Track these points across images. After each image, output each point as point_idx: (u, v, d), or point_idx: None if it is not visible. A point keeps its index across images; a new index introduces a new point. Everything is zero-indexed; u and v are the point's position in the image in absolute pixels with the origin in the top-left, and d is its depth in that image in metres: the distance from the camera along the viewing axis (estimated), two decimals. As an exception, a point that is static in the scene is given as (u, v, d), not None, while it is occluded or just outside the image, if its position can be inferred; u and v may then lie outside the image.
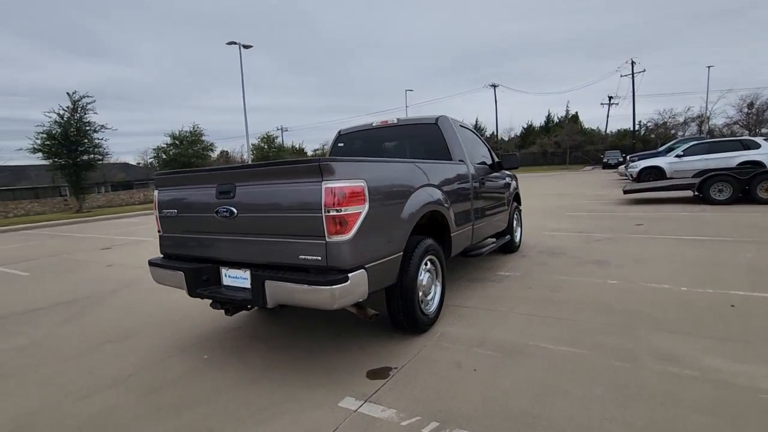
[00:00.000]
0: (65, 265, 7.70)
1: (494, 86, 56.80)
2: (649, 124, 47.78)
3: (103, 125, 22.04)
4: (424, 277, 3.36)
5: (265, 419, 2.34)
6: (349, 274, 2.47)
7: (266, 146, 38.68)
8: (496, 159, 5.36)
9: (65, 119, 20.73)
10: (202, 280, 2.98)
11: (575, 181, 22.98)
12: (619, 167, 23.02)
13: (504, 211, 5.55)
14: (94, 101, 21.39)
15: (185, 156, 26.87)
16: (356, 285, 2.52)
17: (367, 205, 2.62)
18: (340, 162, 2.55)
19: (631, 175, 15.98)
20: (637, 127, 45.79)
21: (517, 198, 6.34)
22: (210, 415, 2.42)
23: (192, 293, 3.00)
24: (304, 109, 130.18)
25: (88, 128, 21.31)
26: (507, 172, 6.10)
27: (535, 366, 2.73)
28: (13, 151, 47.27)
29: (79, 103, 21.06)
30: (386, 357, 3.00)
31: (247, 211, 2.77)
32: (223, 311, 3.11)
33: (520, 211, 6.47)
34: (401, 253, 2.99)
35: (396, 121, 4.69)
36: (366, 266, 2.61)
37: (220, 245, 2.98)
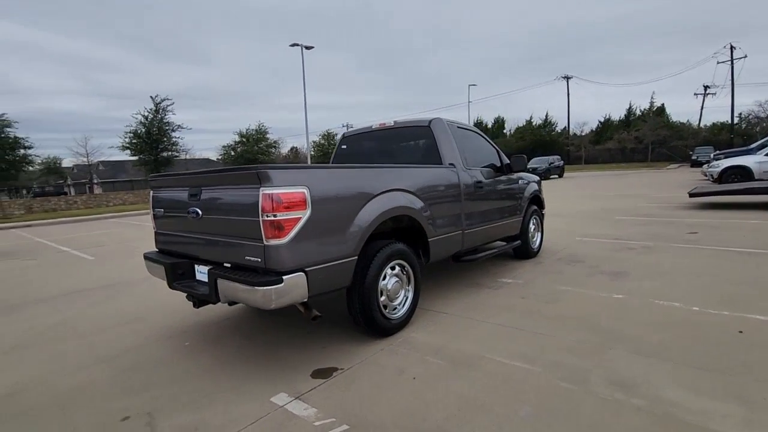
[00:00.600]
0: (125, 252, 8.70)
1: (567, 78, 53.58)
2: (750, 117, 42.05)
3: (179, 125, 24.39)
4: (389, 281, 3.39)
5: (201, 406, 2.55)
6: (284, 277, 2.59)
7: (326, 143, 40.02)
8: (506, 162, 5.17)
9: (148, 120, 23.24)
10: (178, 274, 3.28)
11: (650, 180, 21.02)
12: (703, 166, 20.50)
13: (515, 215, 5.33)
14: (173, 103, 23.82)
15: (250, 153, 28.79)
16: (292, 287, 2.63)
17: (308, 211, 2.72)
18: (279, 170, 2.67)
19: (712, 175, 14.09)
20: (736, 120, 40.59)
21: (535, 201, 6.04)
22: (160, 397, 2.68)
23: (170, 286, 3.31)
24: (373, 105, 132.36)
25: (167, 128, 23.68)
26: (526, 175, 5.83)
27: (475, 379, 2.66)
28: (108, 148, 54.17)
29: (160, 105, 23.50)
30: (339, 358, 3.09)
31: (208, 212, 3.01)
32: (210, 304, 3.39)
33: (541, 215, 6.14)
34: (355, 257, 3.04)
35: (393, 124, 4.71)
36: (306, 269, 2.71)
37: (193, 243, 3.26)
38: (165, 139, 23.73)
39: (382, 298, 3.33)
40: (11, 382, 3.01)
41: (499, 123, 66.64)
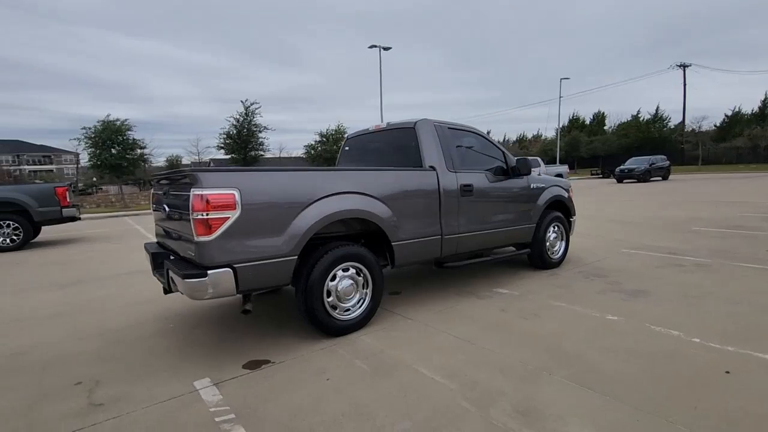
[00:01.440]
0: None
1: (684, 66, 47.26)
2: None
3: (265, 126, 26.59)
4: (341, 282, 3.44)
5: (138, 379, 2.88)
6: (210, 271, 2.81)
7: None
8: (513, 164, 4.84)
9: (240, 122, 25.74)
10: (158, 263, 3.69)
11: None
12: None
13: (524, 222, 4.97)
14: (260, 106, 26.01)
15: (329, 152, 30.25)
16: (218, 281, 2.83)
17: (238, 211, 2.89)
18: (209, 172, 2.89)
19: None
20: None
21: (558, 207, 5.54)
22: (116, 369, 3.07)
23: (153, 273, 3.74)
24: (464, 102, 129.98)
25: (255, 129, 25.98)
26: (545, 179, 5.40)
27: (383, 388, 2.61)
28: (205, 148, 60.89)
29: (249, 108, 25.86)
30: (278, 351, 3.23)
31: (170, 210, 3.35)
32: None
33: (566, 223, 5.61)
34: (294, 257, 3.15)
35: (385, 126, 4.70)
36: (234, 265, 2.90)
37: (167, 236, 3.65)
38: (253, 139, 26.15)
39: (330, 299, 3.40)
40: (27, 344, 3.68)
41: (599, 118, 61.12)
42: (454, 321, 3.72)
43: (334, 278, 3.41)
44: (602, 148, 48.28)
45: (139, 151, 22.69)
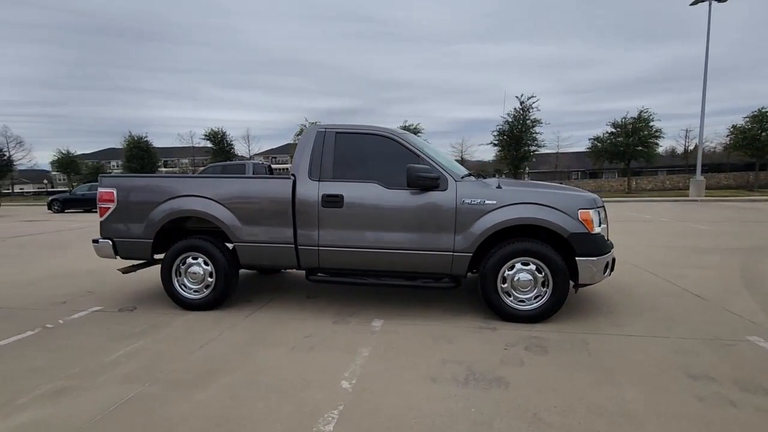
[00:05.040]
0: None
1: None
2: None
3: (538, 120, 25.18)
4: (192, 267, 4.25)
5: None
6: (100, 240, 4.39)
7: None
8: (436, 175, 3.81)
9: (516, 118, 25.56)
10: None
11: None
12: None
13: (444, 248, 3.82)
14: (538, 100, 24.81)
15: (622, 145, 24.92)
16: (103, 247, 4.38)
17: (115, 204, 4.31)
18: (106, 176, 4.42)
19: None
20: None
21: (541, 234, 3.73)
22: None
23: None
24: None
25: (530, 124, 25.14)
26: (512, 191, 3.82)
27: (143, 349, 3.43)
28: (478, 145, 60.34)
29: (526, 103, 25.19)
30: (141, 312, 4.44)
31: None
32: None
33: (559, 261, 3.70)
34: (150, 240, 4.26)
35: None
36: (114, 239, 4.35)
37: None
38: (526, 135, 25.27)
39: (181, 278, 4.29)
40: (25, 279, 6.43)
41: None
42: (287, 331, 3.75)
43: (184, 262, 4.28)
44: None
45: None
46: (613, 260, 4.01)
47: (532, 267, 3.77)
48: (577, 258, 3.71)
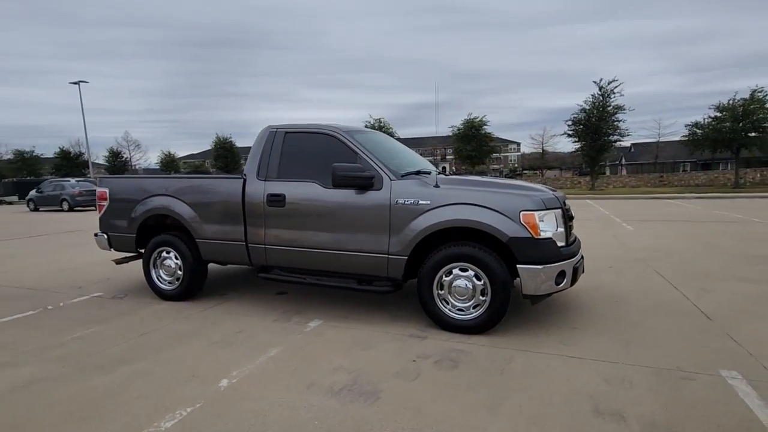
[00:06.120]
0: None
1: None
2: None
3: (620, 107, 22.41)
4: (168, 262, 4.61)
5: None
6: (98, 234, 4.97)
7: None
8: (372, 175, 3.68)
9: (595, 105, 23.07)
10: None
11: None
12: None
13: (378, 250, 3.67)
14: (621, 84, 22.10)
15: (730, 132, 20.96)
16: (100, 241, 4.95)
17: (108, 202, 4.84)
18: (103, 177, 4.96)
19: None
20: None
21: (483, 238, 3.39)
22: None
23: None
24: None
25: (612, 111, 22.52)
26: (453, 191, 3.54)
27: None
28: (551, 137, 53.55)
29: (606, 88, 22.58)
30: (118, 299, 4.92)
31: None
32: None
33: (501, 268, 3.34)
34: (133, 235, 4.71)
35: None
36: (108, 233, 4.90)
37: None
38: (605, 124, 22.58)
39: (158, 270, 4.69)
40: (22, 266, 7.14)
41: None
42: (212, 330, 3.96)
43: (160, 256, 4.66)
44: None
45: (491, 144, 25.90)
46: (576, 269, 3.52)
47: (471, 273, 3.45)
48: (518, 266, 3.32)
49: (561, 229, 3.48)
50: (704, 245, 7.24)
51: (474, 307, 3.49)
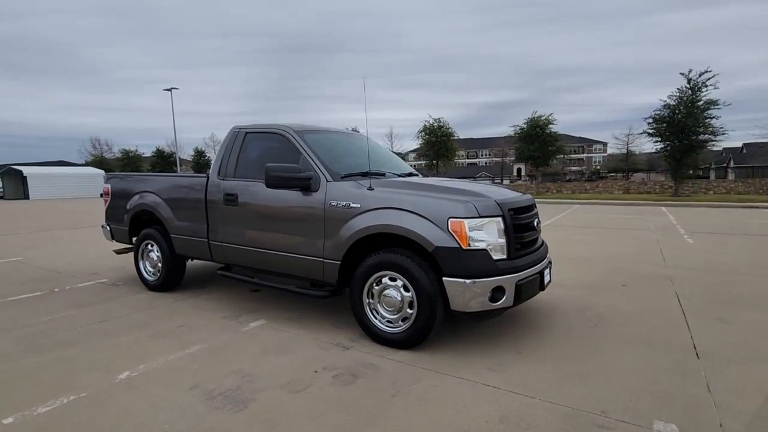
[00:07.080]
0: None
1: None
2: None
3: (712, 102, 19.39)
4: (152, 254, 4.94)
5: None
6: (103, 225, 5.46)
7: None
8: (308, 175, 3.60)
9: (682, 100, 20.27)
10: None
11: None
12: None
13: (313, 253, 3.56)
14: (715, 75, 19.16)
15: None
16: (105, 232, 5.43)
17: (110, 197, 5.30)
18: (109, 174, 5.42)
19: None
20: None
21: (414, 246, 3.12)
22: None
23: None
24: None
25: (702, 107, 19.63)
26: (388, 196, 3.32)
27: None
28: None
29: (697, 81, 19.71)
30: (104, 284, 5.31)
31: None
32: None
33: (429, 278, 3.05)
34: (126, 227, 5.10)
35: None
36: (110, 225, 5.36)
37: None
38: (692, 121, 19.55)
39: (144, 262, 5.02)
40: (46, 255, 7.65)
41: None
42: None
43: (146, 248, 4.99)
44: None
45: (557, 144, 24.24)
46: (520, 287, 3.09)
47: (400, 284, 3.20)
48: (444, 278, 3.00)
49: (501, 240, 3.09)
50: (746, 262, 6.03)
51: (402, 320, 3.23)
